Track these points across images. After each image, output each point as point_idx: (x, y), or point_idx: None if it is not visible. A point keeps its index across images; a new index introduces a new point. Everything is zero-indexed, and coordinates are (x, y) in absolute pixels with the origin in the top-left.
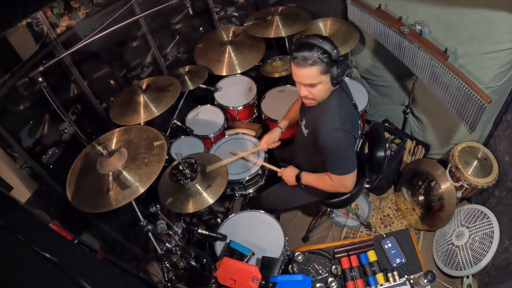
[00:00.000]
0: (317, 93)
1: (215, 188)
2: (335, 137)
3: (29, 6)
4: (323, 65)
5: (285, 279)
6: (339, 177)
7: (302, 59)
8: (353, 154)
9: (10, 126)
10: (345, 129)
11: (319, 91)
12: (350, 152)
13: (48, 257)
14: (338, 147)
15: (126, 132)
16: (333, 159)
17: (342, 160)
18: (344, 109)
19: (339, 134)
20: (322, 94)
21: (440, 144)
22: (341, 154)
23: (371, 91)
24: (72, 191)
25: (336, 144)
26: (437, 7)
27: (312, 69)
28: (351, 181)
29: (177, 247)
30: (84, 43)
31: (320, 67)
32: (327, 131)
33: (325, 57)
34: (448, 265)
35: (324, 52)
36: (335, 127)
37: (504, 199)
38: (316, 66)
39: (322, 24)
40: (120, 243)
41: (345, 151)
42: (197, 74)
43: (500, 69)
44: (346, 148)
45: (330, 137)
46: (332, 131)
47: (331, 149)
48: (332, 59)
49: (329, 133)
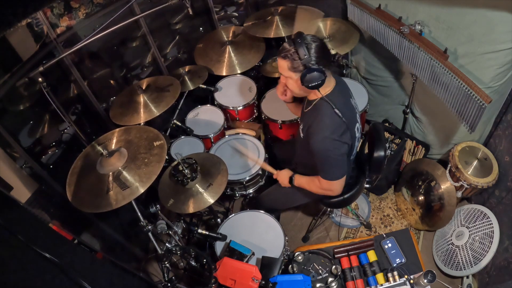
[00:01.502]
0: (290, 86)
1: (216, 187)
2: (324, 146)
3: (29, 6)
4: (292, 62)
5: (285, 279)
6: (327, 182)
7: (281, 48)
8: (342, 161)
9: (10, 126)
10: (334, 137)
11: (290, 85)
12: (339, 160)
13: (48, 257)
14: (327, 155)
15: (126, 132)
16: (322, 165)
17: (331, 167)
18: (334, 116)
19: (328, 142)
20: (295, 90)
21: (440, 144)
22: (330, 162)
23: (371, 91)
24: (72, 191)
25: (325, 152)
26: (437, 7)
27: (282, 61)
28: (338, 187)
29: (177, 247)
30: (84, 43)
31: (289, 63)
32: (317, 138)
33: (295, 57)
34: (448, 265)
35: (295, 52)
36: (325, 136)
37: (504, 199)
38: (285, 60)
39: (322, 24)
40: (120, 243)
41: (333, 159)
42: (197, 74)
43: (500, 69)
44: (335, 156)
45: (320, 145)
46: (322, 139)
47: (320, 156)
48: (300, 61)
49: (319, 141)
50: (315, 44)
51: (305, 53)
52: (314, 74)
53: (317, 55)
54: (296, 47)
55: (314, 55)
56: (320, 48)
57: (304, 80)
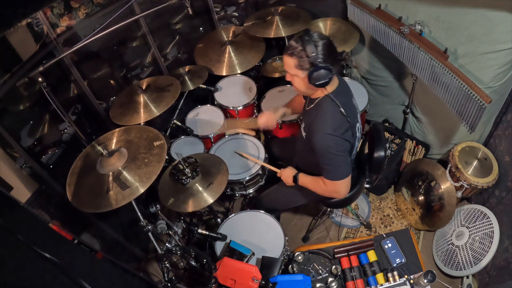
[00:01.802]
0: (296, 84)
1: (216, 186)
2: (326, 143)
3: (29, 6)
4: (299, 60)
5: (285, 279)
6: (332, 182)
7: (287, 46)
8: (345, 160)
9: (10, 126)
10: (337, 134)
11: (297, 83)
12: (342, 158)
13: (48, 257)
14: (330, 153)
15: (126, 132)
16: (325, 164)
17: (334, 165)
18: (337, 114)
19: (330, 139)
20: (301, 88)
21: (440, 144)
22: (333, 160)
23: (371, 91)
24: (72, 191)
25: (327, 150)
26: (437, 7)
27: (288, 59)
28: (344, 188)
29: (177, 247)
30: (84, 43)
31: (296, 61)
32: (319, 136)
33: (302, 55)
34: (448, 265)
35: (303, 50)
36: (327, 133)
37: (504, 199)
38: (292, 58)
39: (322, 24)
40: (120, 243)
41: (336, 157)
42: (197, 74)
43: (500, 69)
44: (338, 153)
45: (322, 142)
46: (324, 136)
47: (323, 154)
48: (308, 59)
49: (321, 138)
50: (323, 42)
51: (313, 50)
52: (322, 72)
53: (324, 53)
54: (304, 45)
55: (322, 53)
56: (328, 46)
57: (312, 78)
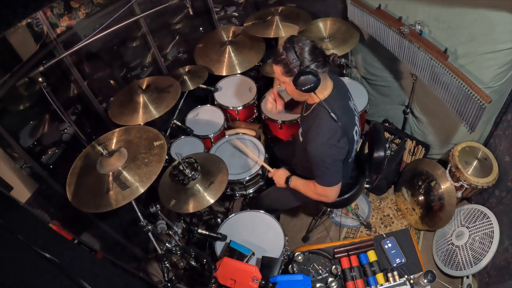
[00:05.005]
0: (288, 91)
1: (217, 185)
2: (322, 151)
3: (29, 6)
4: (284, 67)
5: (285, 279)
6: (322, 187)
7: (273, 54)
8: (338, 168)
9: (10, 126)
10: (332, 143)
11: (288, 90)
12: (335, 166)
13: (48, 257)
14: (323, 161)
15: (126, 132)
16: (318, 170)
17: (326, 173)
18: (332, 122)
19: (325, 148)
20: (294, 94)
21: (440, 144)
22: (326, 168)
23: (371, 91)
24: (72, 191)
25: (322, 159)
26: (437, 7)
27: (275, 67)
28: (334, 193)
29: (177, 247)
30: (84, 43)
31: (281, 68)
32: (314, 144)
33: (286, 61)
34: (448, 265)
35: (286, 57)
36: (323, 142)
37: (504, 199)
38: (278, 66)
39: (322, 24)
40: (120, 243)
41: (329, 165)
42: (197, 74)
43: (500, 69)
44: (331, 162)
45: (316, 151)
46: (320, 145)
47: (317, 162)
48: (291, 65)
49: (316, 146)
50: (307, 47)
51: (294, 57)
52: (307, 77)
53: (308, 58)
54: (286, 51)
55: (305, 58)
56: (311, 50)
57: (297, 84)
